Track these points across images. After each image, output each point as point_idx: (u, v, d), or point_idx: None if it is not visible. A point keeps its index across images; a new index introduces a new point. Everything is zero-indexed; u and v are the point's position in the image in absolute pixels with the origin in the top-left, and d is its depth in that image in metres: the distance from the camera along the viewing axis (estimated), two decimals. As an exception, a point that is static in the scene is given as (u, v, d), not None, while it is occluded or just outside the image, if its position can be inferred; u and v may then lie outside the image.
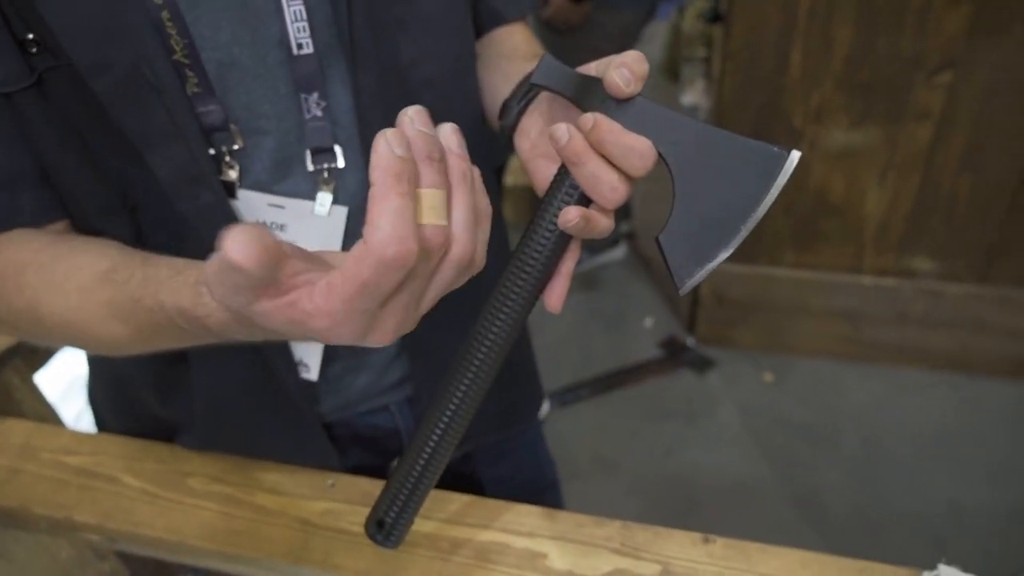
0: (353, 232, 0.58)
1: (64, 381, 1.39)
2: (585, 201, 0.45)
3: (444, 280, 0.38)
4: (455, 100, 0.62)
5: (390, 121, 0.54)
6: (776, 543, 0.59)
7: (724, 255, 0.43)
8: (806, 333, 1.96)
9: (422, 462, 0.49)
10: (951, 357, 1.88)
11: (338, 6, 0.51)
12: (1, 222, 0.52)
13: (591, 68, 0.47)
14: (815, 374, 1.95)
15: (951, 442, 1.75)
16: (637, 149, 0.43)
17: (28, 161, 0.53)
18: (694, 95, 3.11)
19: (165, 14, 0.48)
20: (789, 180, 0.43)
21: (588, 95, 0.45)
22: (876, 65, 1.55)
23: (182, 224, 0.53)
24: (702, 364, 2.02)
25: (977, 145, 1.58)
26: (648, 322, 2.17)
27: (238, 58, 0.51)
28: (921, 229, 1.73)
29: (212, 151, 0.52)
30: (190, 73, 0.50)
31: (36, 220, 0.54)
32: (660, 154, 0.43)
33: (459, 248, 0.38)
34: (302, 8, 0.51)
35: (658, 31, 3.92)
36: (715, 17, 3.04)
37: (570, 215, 0.43)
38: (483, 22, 0.70)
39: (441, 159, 0.37)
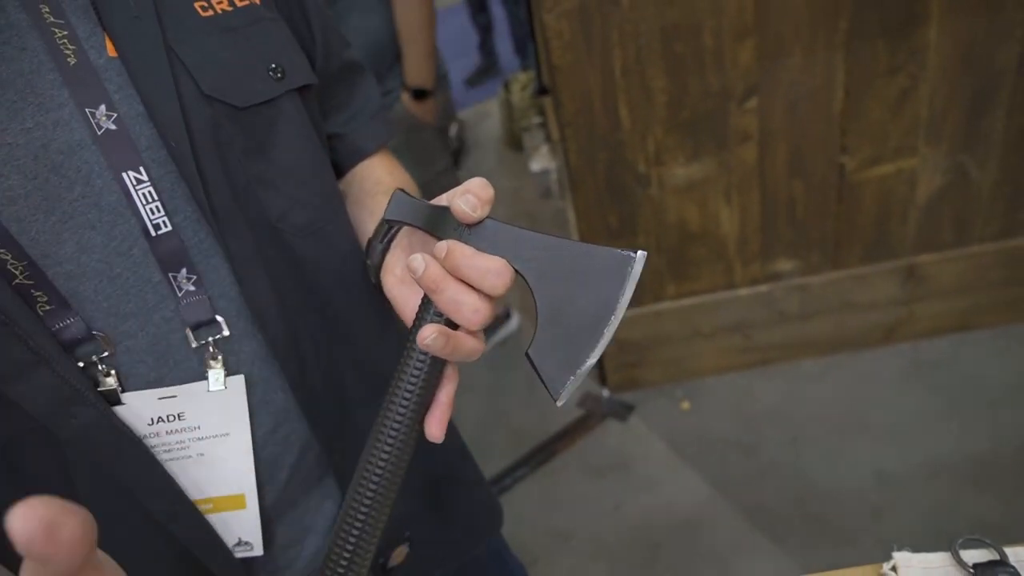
0: (258, 401, 0.56)
1: None
2: (452, 326, 0.46)
3: None
4: (332, 241, 0.62)
5: (275, 279, 0.55)
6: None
7: (593, 360, 0.45)
8: (705, 354, 2.07)
9: None
10: (832, 340, 2.04)
11: (189, 178, 0.51)
12: None
13: (442, 198, 0.50)
14: (725, 390, 2.06)
15: (858, 417, 1.89)
16: (492, 269, 0.45)
17: None
18: (541, 160, 3.28)
19: None
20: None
21: (441, 224, 0.48)
22: (693, 104, 1.71)
23: (63, 450, 0.50)
24: (622, 411, 2.07)
25: (796, 154, 1.78)
26: (561, 384, 2.21)
27: (87, 266, 0.49)
28: (773, 236, 1.90)
29: (81, 363, 0.49)
30: (37, 293, 0.47)
31: None
32: (517, 271, 0.46)
33: None
34: (151, 190, 0.50)
35: (491, 109, 4.14)
36: (542, 90, 3.25)
37: (426, 332, 0.44)
38: (344, 159, 0.72)
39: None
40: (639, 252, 0.45)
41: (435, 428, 0.48)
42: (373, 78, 0.75)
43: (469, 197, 0.46)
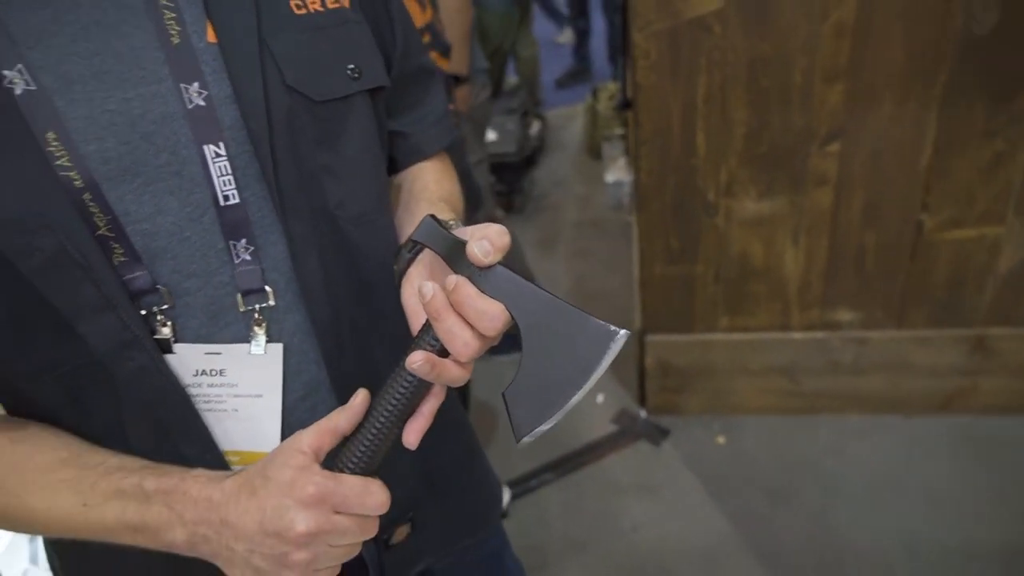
0: (293, 370, 0.60)
1: (3, 543, 1.34)
2: (445, 352, 0.51)
3: None
4: (379, 235, 0.66)
5: (325, 261, 0.59)
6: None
7: (557, 417, 0.49)
8: (750, 392, 2.04)
9: None
10: (884, 399, 1.98)
11: (263, 158, 0.55)
12: None
13: (465, 231, 0.54)
14: (764, 431, 2.02)
15: (896, 480, 1.83)
16: (489, 313, 0.49)
17: None
18: (617, 172, 3.28)
19: (87, 196, 0.51)
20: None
21: (457, 258, 0.52)
22: (772, 140, 1.69)
23: (116, 387, 0.55)
24: (656, 434, 2.06)
25: (874, 204, 1.73)
26: (599, 398, 2.21)
27: (162, 226, 0.54)
28: (838, 284, 1.85)
29: (143, 311, 0.55)
30: (115, 245, 0.53)
31: None
32: (512, 317, 0.49)
33: None
34: (227, 164, 0.55)
35: (576, 113, 4.15)
36: (625, 104, 3.24)
37: (415, 358, 0.50)
38: (402, 156, 0.76)
39: None
40: (623, 331, 0.48)
41: (412, 436, 0.53)
42: (443, 84, 0.79)
43: (484, 243, 0.50)
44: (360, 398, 0.54)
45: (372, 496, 0.52)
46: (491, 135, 3.34)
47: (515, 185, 3.34)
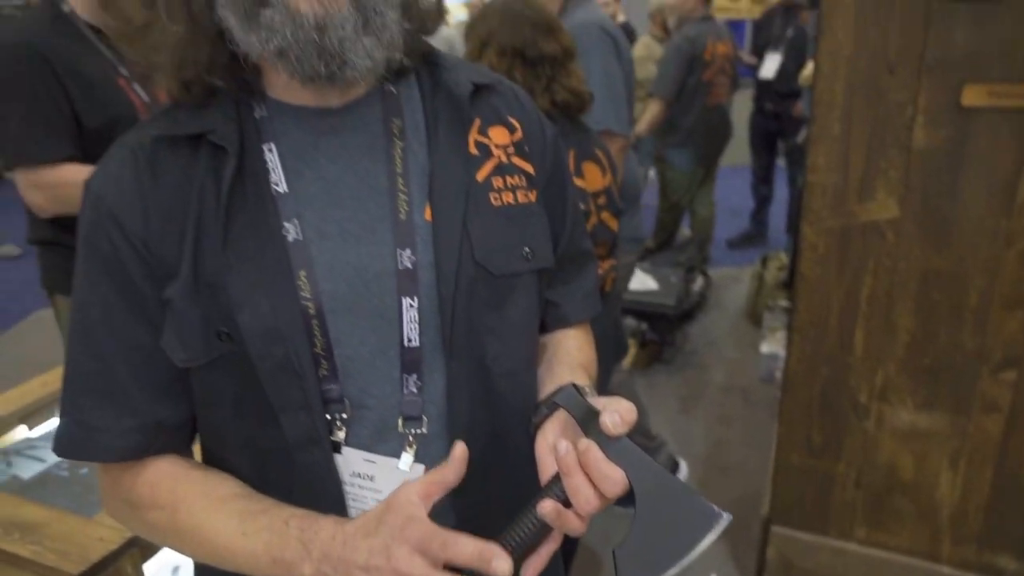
0: None
1: (164, 572, 1.52)
2: (568, 503, 0.58)
3: None
4: (524, 389, 0.76)
5: (474, 403, 0.70)
6: None
7: None
8: (882, 618, 1.84)
9: None
10: (1051, 672, 1.70)
11: (444, 315, 0.68)
12: (160, 448, 0.69)
13: (600, 401, 0.62)
14: (894, 667, 1.79)
15: None
16: (612, 478, 0.56)
17: (186, 408, 0.70)
18: (775, 344, 3.21)
19: (315, 322, 0.65)
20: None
21: (589, 423, 0.60)
22: (939, 354, 1.61)
23: (293, 471, 0.67)
24: (767, 636, 1.90)
25: (1052, 444, 1.57)
26: (712, 578, 2.10)
27: (360, 352, 0.67)
28: (1001, 523, 1.66)
29: (329, 416, 0.67)
30: (323, 361, 0.66)
31: (185, 448, 0.72)
32: (631, 484, 0.56)
33: None
34: (416, 314, 0.68)
35: (743, 276, 4.14)
36: (789, 282, 3.21)
37: (546, 506, 0.57)
38: (550, 321, 0.86)
39: None
40: (726, 515, 0.55)
41: (530, 572, 0.59)
42: (596, 263, 0.90)
43: (616, 416, 0.59)
44: (459, 449, 0.60)
45: (491, 553, 0.55)
46: (652, 284, 3.43)
47: (667, 337, 3.37)
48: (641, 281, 3.40)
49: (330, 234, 0.67)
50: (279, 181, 0.66)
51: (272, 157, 0.66)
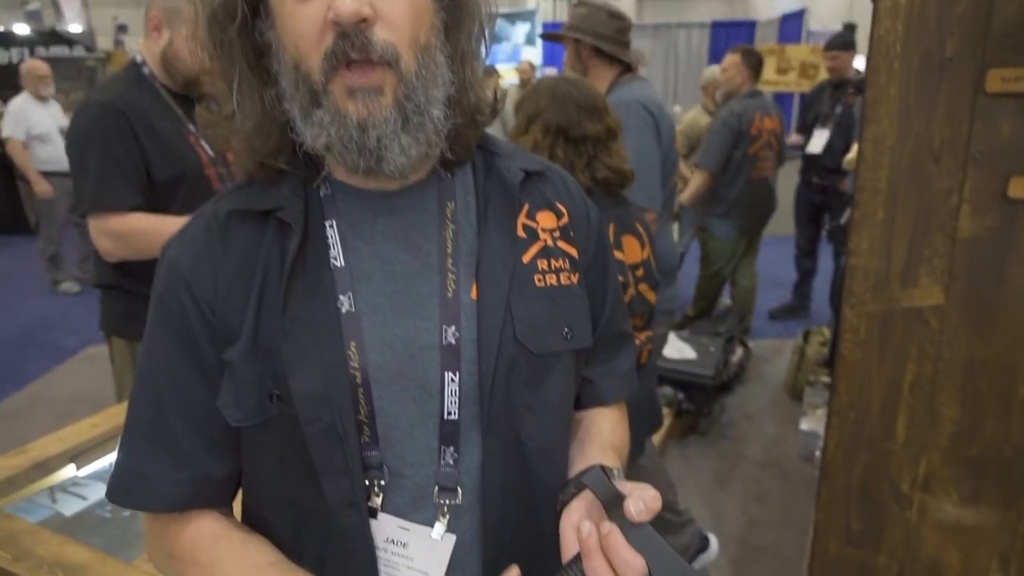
0: (457, 560, 0.71)
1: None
2: None
3: None
4: (557, 466, 0.78)
5: (508, 478, 0.72)
6: None
7: None
8: None
9: None
10: None
11: (483, 390, 0.70)
12: (205, 501, 0.73)
13: (626, 485, 0.64)
14: None
15: None
16: (631, 564, 0.58)
17: (234, 465, 0.73)
18: (815, 422, 3.13)
19: (361, 390, 0.68)
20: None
21: (614, 507, 0.62)
22: (986, 446, 1.57)
23: (330, 534, 0.70)
24: None
25: (1108, 550, 1.50)
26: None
27: (400, 423, 0.70)
28: (1053, 631, 1.58)
29: (368, 482, 0.69)
30: (366, 428, 0.69)
31: (228, 503, 0.75)
32: (650, 572, 0.57)
33: None
34: (456, 388, 0.70)
35: (784, 348, 4.08)
36: (830, 360, 3.16)
37: None
38: (585, 399, 0.88)
39: None
40: None
41: None
42: (634, 343, 0.92)
43: (640, 504, 0.60)
44: (513, 573, 0.63)
45: None
46: (690, 353, 3.40)
47: (704, 408, 3.32)
48: (679, 349, 3.38)
49: (381, 308, 0.70)
50: (337, 256, 0.71)
51: (332, 233, 0.71)
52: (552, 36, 2.37)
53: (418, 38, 0.65)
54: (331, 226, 0.71)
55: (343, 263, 0.70)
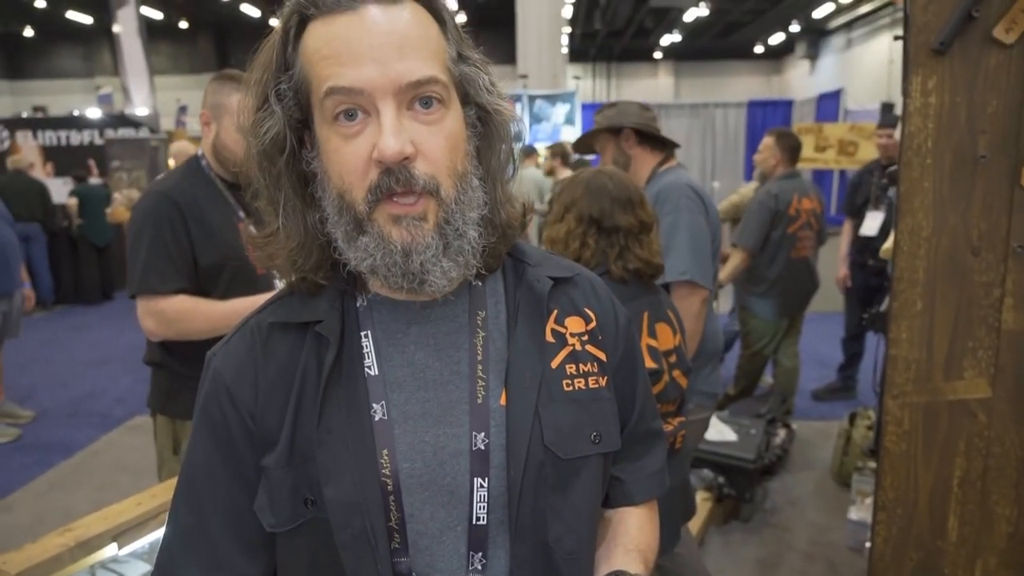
0: None
1: None
2: None
3: None
4: (584, 570, 0.78)
5: None
6: None
7: None
8: None
9: None
10: None
11: (511, 495, 0.71)
12: None
13: None
14: None
15: None
16: None
17: (268, 567, 0.75)
18: (864, 511, 2.99)
19: (391, 497, 0.70)
20: None
21: None
22: (1046, 550, 1.49)
23: None
24: None
25: None
26: None
27: (430, 529, 0.71)
28: None
29: None
30: (396, 535, 0.70)
31: None
32: None
33: None
34: (485, 493, 0.71)
35: (831, 432, 3.94)
36: (875, 449, 3.06)
37: None
38: (614, 498, 0.87)
39: None
40: None
41: None
42: (665, 443, 0.92)
43: None
44: None
45: None
46: (731, 435, 3.32)
47: (746, 493, 3.21)
48: (719, 431, 3.30)
49: (413, 415, 0.73)
50: (371, 365, 0.74)
51: (367, 343, 0.74)
52: (589, 144, 2.39)
53: (456, 167, 0.70)
54: (366, 336, 0.75)
55: (377, 371, 0.73)
